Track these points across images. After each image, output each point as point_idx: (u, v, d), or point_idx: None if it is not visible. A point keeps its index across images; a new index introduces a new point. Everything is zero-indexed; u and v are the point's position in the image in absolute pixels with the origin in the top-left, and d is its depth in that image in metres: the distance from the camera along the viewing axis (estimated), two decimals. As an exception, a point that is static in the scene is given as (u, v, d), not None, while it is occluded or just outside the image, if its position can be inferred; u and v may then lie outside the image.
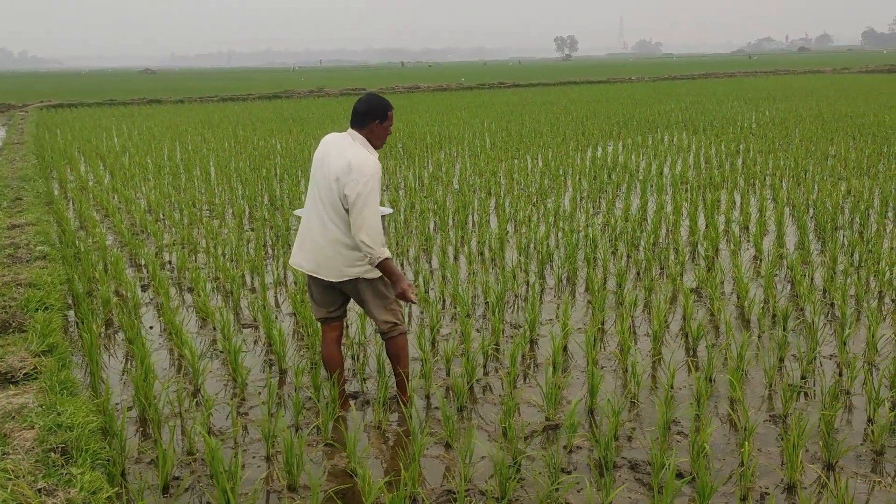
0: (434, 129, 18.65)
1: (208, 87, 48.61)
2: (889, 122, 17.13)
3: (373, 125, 3.83)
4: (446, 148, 14.98)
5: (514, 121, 20.50)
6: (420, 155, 14.01)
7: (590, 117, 21.10)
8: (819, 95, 27.98)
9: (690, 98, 28.53)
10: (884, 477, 3.33)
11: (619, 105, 25.90)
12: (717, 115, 20.45)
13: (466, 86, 43.50)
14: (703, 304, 5.68)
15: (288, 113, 26.10)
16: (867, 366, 4.46)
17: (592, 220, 8.33)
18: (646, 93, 33.58)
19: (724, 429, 3.82)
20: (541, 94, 35.34)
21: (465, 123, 20.19)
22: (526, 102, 28.82)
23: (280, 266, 6.93)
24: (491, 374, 4.59)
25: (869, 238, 7.23)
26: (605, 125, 18.57)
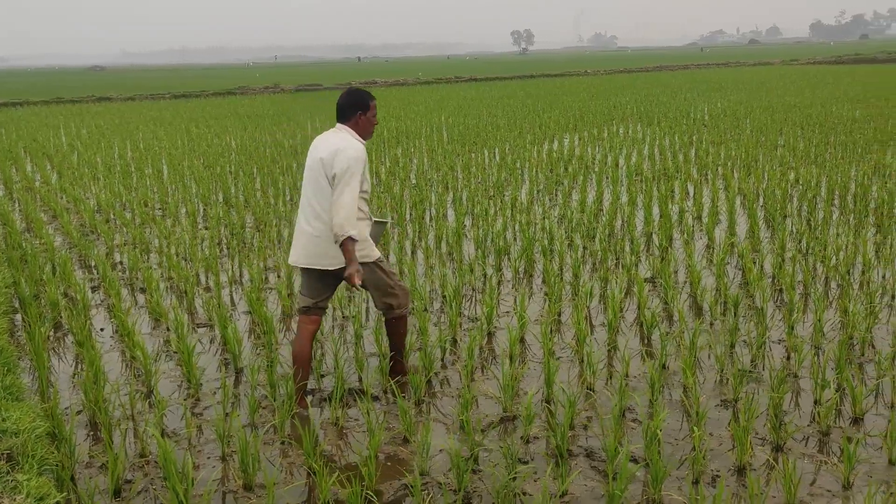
0: (391, 124, 18.59)
1: (160, 83, 47.73)
2: (835, 112, 17.58)
3: (357, 117, 3.98)
4: (403, 143, 14.94)
5: (472, 115, 20.54)
6: (377, 150, 13.95)
7: (546, 110, 21.25)
8: (769, 87, 28.58)
9: (645, 91, 28.92)
10: (829, 457, 3.42)
11: (576, 98, 26.12)
12: (671, 107, 20.76)
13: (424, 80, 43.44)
14: (658, 294, 5.76)
15: (243, 110, 25.76)
16: (814, 349, 4.58)
17: (549, 212, 8.40)
18: (602, 86, 33.92)
19: (678, 415, 3.89)
20: (498, 88, 35.46)
21: (422, 118, 20.16)
22: (483, 96, 28.90)
23: (235, 264, 6.84)
24: (449, 367, 4.60)
25: (816, 225, 7.42)
26: (561, 118, 18.72)
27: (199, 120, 21.90)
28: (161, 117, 23.18)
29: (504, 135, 15.63)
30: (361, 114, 3.98)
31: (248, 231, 7.97)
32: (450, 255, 6.95)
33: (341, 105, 3.99)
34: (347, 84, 41.38)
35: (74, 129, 20.31)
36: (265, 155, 13.61)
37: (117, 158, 14.01)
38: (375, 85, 41.26)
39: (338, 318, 5.47)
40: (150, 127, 20.08)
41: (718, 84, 31.70)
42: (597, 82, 37.77)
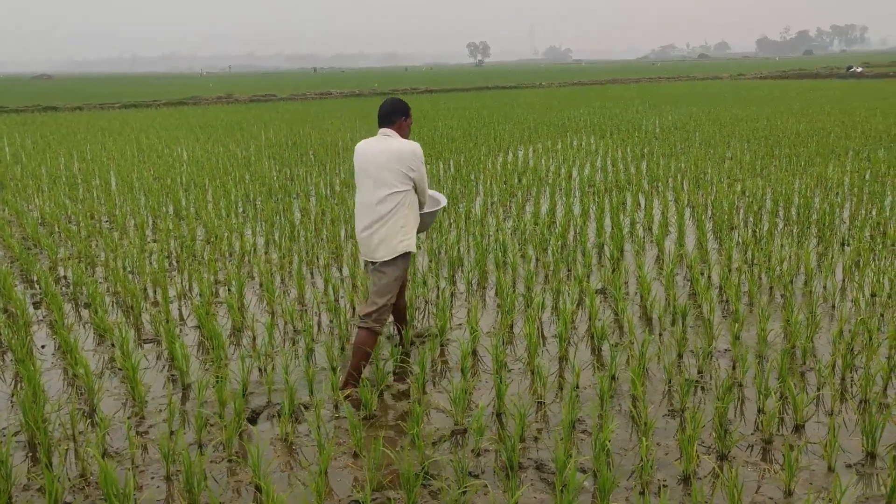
0: (346, 135, 18.52)
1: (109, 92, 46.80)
2: (780, 126, 18.08)
3: (400, 122, 4.50)
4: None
5: (427, 126, 20.59)
6: (332, 162, 13.88)
7: (501, 122, 21.41)
8: (717, 101, 29.28)
9: (598, 103, 29.36)
10: (772, 464, 3.50)
11: (531, 110, 26.39)
12: (624, 120, 21.11)
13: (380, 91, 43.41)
14: (609, 305, 5.83)
15: (195, 120, 25.40)
16: (758, 359, 4.68)
17: (503, 224, 8.45)
18: (556, 98, 34.35)
19: (626, 425, 3.93)
20: (454, 99, 35.63)
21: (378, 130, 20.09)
22: (439, 108, 29.00)
23: (185, 278, 6.72)
24: (400, 380, 4.57)
25: (761, 237, 7.60)
26: (516, 130, 18.88)
27: (150, 130, 21.52)
28: (110, 127, 22.72)
29: (459, 146, 15.70)
30: (404, 119, 4.51)
31: (199, 244, 7.84)
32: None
33: (387, 112, 4.47)
34: (303, 95, 41.17)
35: (18, 139, 19.77)
36: (218, 166, 13.43)
37: (63, 170, 13.68)
38: (331, 96, 41.11)
39: (289, 332, 5.41)
40: (98, 137, 19.66)
41: (669, 97, 32.36)
42: (551, 94, 38.23)
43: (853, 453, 3.57)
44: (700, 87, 42.90)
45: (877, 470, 3.43)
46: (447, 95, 40.18)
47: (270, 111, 29.92)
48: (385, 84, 54.58)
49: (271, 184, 11.31)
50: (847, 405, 4.05)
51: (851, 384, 4.31)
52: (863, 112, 21.07)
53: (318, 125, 21.85)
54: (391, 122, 4.48)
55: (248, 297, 6.20)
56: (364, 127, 20.93)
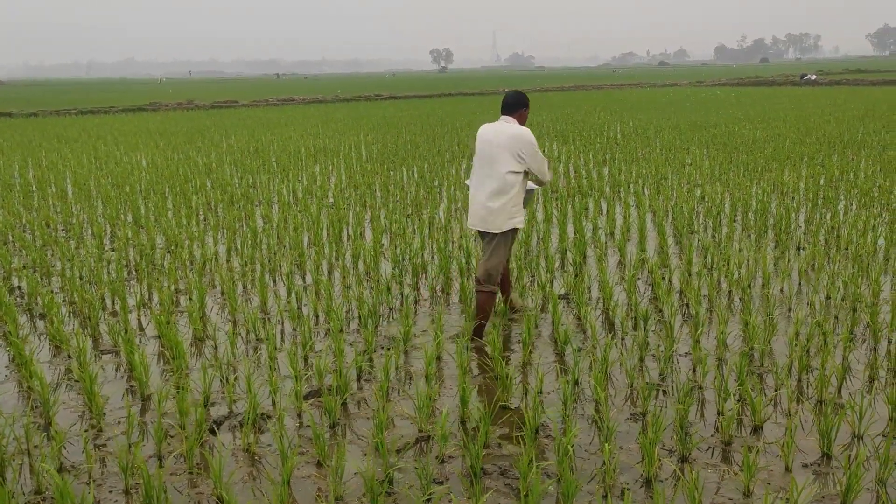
0: (309, 142, 18.41)
1: (66, 98, 45.87)
2: (738, 132, 18.44)
3: (521, 111, 5.18)
4: (321, 161, 14.82)
5: (391, 133, 20.58)
6: (294, 169, 13.78)
7: (465, 129, 21.48)
8: (677, 107, 29.75)
9: (561, 109, 29.64)
10: (732, 466, 3.56)
11: (494, 117, 26.40)
12: (586, 126, 21.33)
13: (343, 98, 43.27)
14: (571, 310, 5.88)
15: (154, 126, 25.03)
16: (717, 361, 4.76)
17: (466, 230, 8.46)
18: (518, 105, 34.52)
19: (589, 429, 3.96)
20: (417, 105, 35.66)
21: (341, 136, 20.06)
22: (402, 114, 29.00)
23: (144, 287, 6.61)
24: (365, 388, 4.56)
25: (720, 241, 7.74)
26: (479, 137, 18.92)
27: (108, 137, 21.15)
28: (66, 134, 22.26)
29: (423, 153, 15.71)
30: (524, 109, 5.19)
31: (159, 252, 7.72)
32: (367, 275, 6.91)
33: (510, 102, 5.17)
34: (265, 101, 40.86)
35: (-29, 145, 19.26)
36: (178, 174, 13.24)
37: (17, 177, 13.36)
38: (294, 102, 40.84)
39: (251, 341, 5.35)
40: (54, 144, 19.26)
41: (630, 104, 32.80)
42: (514, 101, 38.42)
43: (809, 453, 3.64)
44: (660, 93, 43.56)
45: (832, 469, 3.51)
46: (410, 102, 40.20)
47: (232, 117, 29.62)
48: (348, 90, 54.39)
49: (233, 191, 11.19)
50: (803, 406, 4.14)
51: (807, 385, 4.40)
52: (817, 119, 21.60)
53: (280, 132, 21.69)
54: (513, 111, 5.16)
55: (210, 305, 6.12)
56: (326, 134, 20.84)
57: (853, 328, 5.23)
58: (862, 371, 4.57)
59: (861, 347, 4.96)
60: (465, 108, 32.86)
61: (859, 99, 31.03)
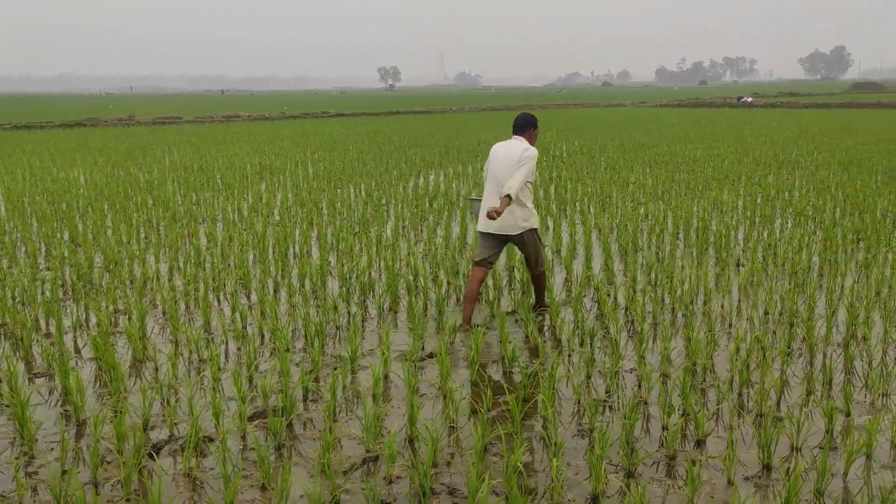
0: (255, 159, 18.19)
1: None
2: (679, 151, 18.92)
3: (530, 131, 5.87)
4: (267, 179, 14.65)
5: (338, 150, 20.49)
6: (240, 186, 13.58)
7: (413, 146, 21.54)
8: (620, 127, 30.40)
9: (507, 128, 29.90)
10: (676, 480, 3.60)
11: (442, 135, 26.66)
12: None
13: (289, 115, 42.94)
14: (519, 327, 5.91)
15: (93, 142, 24.41)
16: (662, 377, 4.84)
17: (414, 248, 8.46)
18: (466, 123, 34.84)
19: (538, 446, 3.97)
20: (365, 123, 35.62)
21: (287, 153, 19.88)
22: (350, 132, 28.92)
23: (81, 307, 6.40)
24: (311, 408, 4.48)
25: (664, 258, 7.89)
26: (427, 154, 19.02)
27: (43, 153, 20.52)
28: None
29: (370, 170, 15.67)
30: (532, 129, 5.88)
31: (97, 271, 7.50)
32: (314, 293, 6.83)
33: (521, 123, 5.86)
34: (210, 118, 40.30)
35: None
36: (118, 191, 12.91)
37: (-53, 193, 12.84)
38: (239, 119, 40.37)
39: (194, 362, 5.22)
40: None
41: (575, 123, 33.36)
42: (461, 119, 38.76)
43: (750, 466, 3.72)
44: (604, 113, 44.45)
45: (772, 482, 3.58)
46: (358, 119, 40.15)
47: (175, 133, 29.09)
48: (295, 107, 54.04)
49: (176, 208, 10.96)
50: (744, 420, 4.23)
51: (748, 399, 4.50)
52: (753, 139, 22.32)
53: (225, 149, 21.38)
54: (523, 131, 5.85)
55: (151, 326, 5.96)
56: (272, 151, 20.64)
57: (790, 343, 5.38)
58: (799, 384, 4.70)
59: (798, 362, 5.11)
60: (412, 126, 32.96)
61: (793, 121, 32.20)
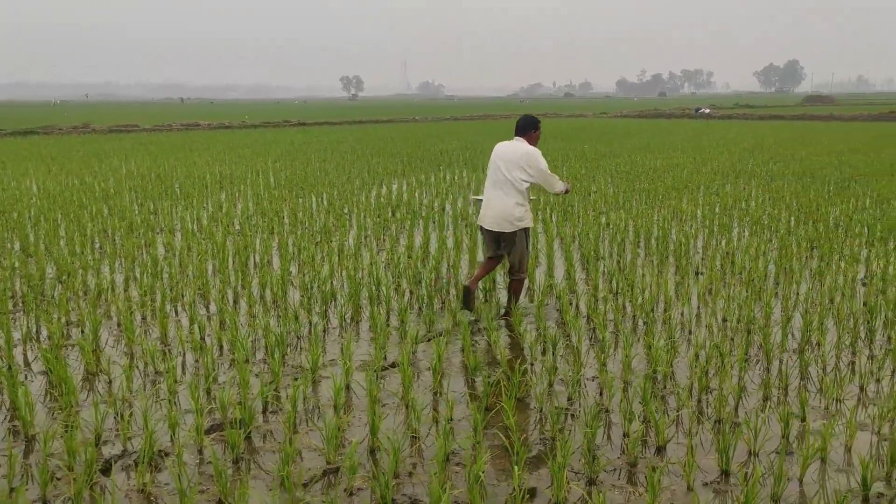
0: (215, 168, 17.96)
1: (-48, 120, 43.20)
2: (640, 161, 19.17)
3: (531, 133, 6.17)
4: (227, 188, 14.46)
5: (300, 159, 20.34)
6: (199, 195, 13.38)
7: (375, 156, 21.49)
8: (582, 137, 30.71)
9: (470, 138, 30.07)
10: (637, 487, 3.61)
11: (405, 144, 26.65)
12: (494, 155, 21.67)
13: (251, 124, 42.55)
14: (482, 336, 5.90)
15: (47, 150, 23.87)
16: (623, 384, 4.86)
17: (376, 258, 8.41)
18: (430, 132, 34.89)
19: (500, 455, 3.95)
20: (327, 132, 35.45)
21: (248, 162, 19.67)
22: (312, 141, 28.75)
23: (31, 320, 6.21)
24: (271, 420, 4.41)
25: (625, 266, 7.96)
26: (390, 164, 18.98)
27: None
28: (-50, 157, 20.92)
29: (333, 180, 15.58)
30: (534, 130, 6.18)
31: (49, 282, 7.30)
32: (274, 303, 6.74)
33: (522, 125, 6.17)
34: (168, 126, 39.75)
35: None
36: (72, 200, 12.62)
37: None
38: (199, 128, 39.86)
39: (150, 374, 5.10)
40: (-65, 167, 18.04)
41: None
42: (425, 129, 38.80)
43: (709, 472, 3.75)
44: (566, 123, 44.89)
45: (731, 487, 3.61)
46: (321, 129, 39.93)
47: (132, 142, 28.60)
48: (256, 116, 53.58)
49: (132, 218, 10.75)
50: (703, 426, 4.27)
51: (707, 405, 4.55)
52: (711, 150, 22.73)
53: (184, 158, 21.08)
54: (524, 133, 6.15)
55: (105, 338, 5.81)
56: (233, 160, 20.40)
57: (748, 349, 5.45)
58: (756, 390, 4.77)
59: (755, 368, 5.18)
60: (375, 135, 32.89)
61: (749, 132, 32.90)
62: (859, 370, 5.01)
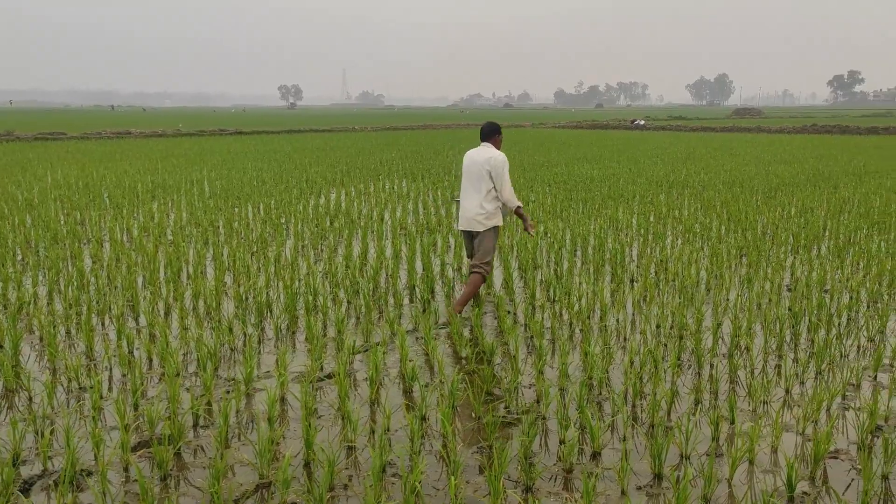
0: (147, 177, 17.49)
1: None
2: (577, 171, 19.48)
3: (495, 137, 6.72)
4: (160, 197, 14.09)
5: (237, 169, 19.98)
6: (130, 205, 13.00)
7: (314, 165, 21.27)
8: (521, 147, 31.05)
9: (410, 147, 30.08)
10: (573, 493, 3.63)
11: (344, 153, 26.47)
12: (435, 164, 21.75)
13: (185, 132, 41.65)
14: (420, 345, 5.87)
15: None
16: (560, 391, 4.90)
17: (314, 268, 8.30)
18: (369, 142, 34.76)
19: (437, 465, 3.92)
20: (265, 141, 34.96)
21: (182, 172, 19.22)
22: (249, 150, 28.30)
23: (-53, 334, 5.90)
24: (202, 435, 4.28)
25: (562, 274, 8.05)
26: (328, 173, 18.82)
27: (-88, 168, 19.04)
28: None
29: (270, 189, 15.35)
30: (497, 136, 6.72)
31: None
32: (208, 315, 6.57)
33: (486, 131, 6.70)
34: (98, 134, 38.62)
35: None
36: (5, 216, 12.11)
37: None
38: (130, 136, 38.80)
39: (73, 390, 4.90)
40: None
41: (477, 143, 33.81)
42: (364, 138, 38.64)
43: (643, 476, 3.80)
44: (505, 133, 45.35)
45: (663, 490, 3.67)
46: (258, 137, 39.35)
47: (59, 150, 27.64)
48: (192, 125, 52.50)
49: (58, 228, 10.36)
50: (637, 431, 4.33)
51: (641, 410, 4.62)
52: (646, 160, 23.27)
53: (115, 166, 20.48)
54: (489, 138, 6.70)
55: (26, 353, 5.57)
56: (166, 169, 19.91)
57: (680, 355, 5.57)
58: (688, 394, 4.87)
59: (687, 373, 5.29)
60: (314, 144, 32.60)
61: (681, 143, 33.82)
62: (785, 373, 5.16)
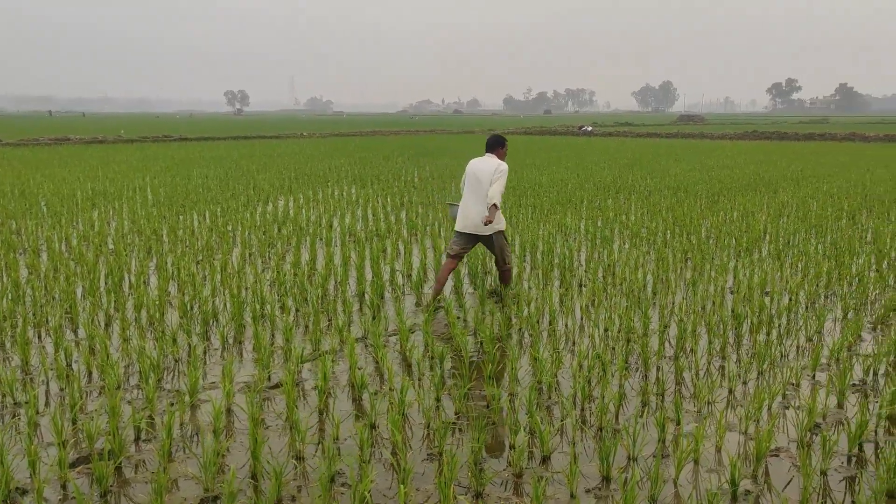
0: (87, 185, 17.02)
1: None
2: (526, 177, 19.64)
3: (499, 149, 7.15)
4: (101, 205, 13.72)
5: (181, 176, 19.60)
6: (68, 214, 12.62)
7: (261, 172, 21.00)
8: (471, 153, 31.14)
9: (359, 154, 29.93)
10: (523, 498, 3.64)
11: (292, 160, 26.20)
12: (384, 170, 21.68)
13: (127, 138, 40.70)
14: (369, 353, 5.82)
15: None
16: (509, 396, 4.91)
17: (261, 276, 8.17)
18: (318, 148, 34.47)
19: (387, 473, 3.89)
20: (211, 148, 34.38)
21: (124, 178, 18.76)
22: (194, 157, 27.79)
23: None
24: (144, 449, 4.16)
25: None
26: (276, 180, 18.59)
27: None
28: None
29: (216, 196, 15.08)
30: (501, 147, 7.14)
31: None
32: (150, 325, 6.41)
33: (491, 143, 7.16)
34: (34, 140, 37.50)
35: None
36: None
37: None
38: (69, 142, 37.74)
39: (7, 405, 4.71)
40: None
41: (427, 149, 33.88)
42: (313, 145, 38.32)
43: (592, 478, 3.83)
44: (455, 140, 45.47)
45: (611, 492, 3.70)
46: (204, 144, 38.68)
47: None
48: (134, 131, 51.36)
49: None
50: (586, 434, 4.37)
51: (590, 414, 4.66)
52: (594, 166, 23.61)
53: (52, 174, 19.87)
54: (493, 150, 7.14)
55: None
56: (107, 176, 19.41)
57: (628, 358, 5.65)
58: (636, 397, 4.93)
59: (635, 375, 5.36)
60: (261, 151, 32.19)
61: (628, 149, 34.42)
62: (728, 373, 5.28)
